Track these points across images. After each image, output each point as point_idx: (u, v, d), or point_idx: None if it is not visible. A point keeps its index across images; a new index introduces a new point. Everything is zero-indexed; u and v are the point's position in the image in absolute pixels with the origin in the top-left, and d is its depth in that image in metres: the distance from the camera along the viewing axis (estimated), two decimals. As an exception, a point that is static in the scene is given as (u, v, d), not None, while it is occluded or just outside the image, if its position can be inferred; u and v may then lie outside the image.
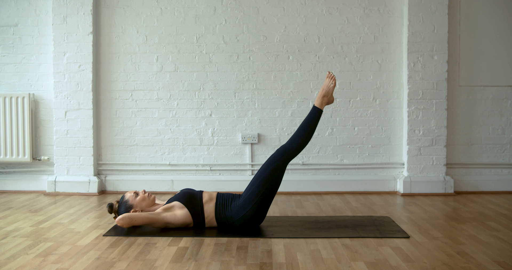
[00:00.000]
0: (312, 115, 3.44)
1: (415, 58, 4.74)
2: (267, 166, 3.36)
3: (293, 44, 4.84)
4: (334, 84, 3.47)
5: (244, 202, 3.32)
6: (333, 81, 3.47)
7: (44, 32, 4.87)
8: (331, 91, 3.47)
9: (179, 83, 4.87)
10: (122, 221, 3.25)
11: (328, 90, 3.46)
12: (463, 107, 4.87)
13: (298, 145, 3.40)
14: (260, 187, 3.31)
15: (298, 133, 3.42)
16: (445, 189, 4.75)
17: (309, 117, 3.44)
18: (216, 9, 4.84)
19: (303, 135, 3.41)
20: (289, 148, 3.40)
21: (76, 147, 4.81)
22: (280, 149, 3.41)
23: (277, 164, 3.35)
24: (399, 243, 3.06)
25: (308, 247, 2.98)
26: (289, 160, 3.40)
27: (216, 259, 2.76)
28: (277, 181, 3.36)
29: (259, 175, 3.35)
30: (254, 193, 3.31)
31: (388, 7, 4.82)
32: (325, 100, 3.47)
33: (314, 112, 3.45)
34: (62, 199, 4.52)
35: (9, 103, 4.78)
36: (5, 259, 2.76)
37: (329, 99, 3.49)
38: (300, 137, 3.41)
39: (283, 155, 3.38)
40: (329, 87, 3.46)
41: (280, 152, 3.39)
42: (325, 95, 3.47)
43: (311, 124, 3.43)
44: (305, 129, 3.42)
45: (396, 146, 4.88)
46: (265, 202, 3.33)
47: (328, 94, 3.47)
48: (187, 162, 4.90)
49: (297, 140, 3.41)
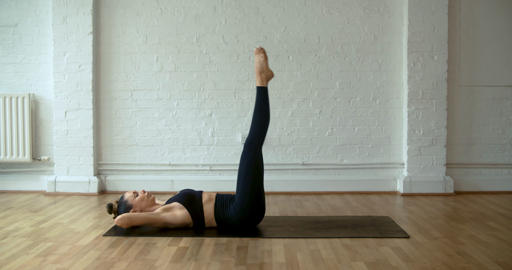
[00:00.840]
0: (259, 96, 3.39)
1: (415, 58, 4.74)
2: (242, 163, 3.35)
3: (293, 44, 4.84)
4: (265, 57, 3.40)
5: (238, 202, 3.32)
6: (262, 54, 3.40)
7: (44, 32, 4.87)
8: (265, 65, 3.40)
9: (179, 83, 4.87)
10: (121, 221, 3.25)
11: (261, 65, 3.40)
12: (463, 107, 4.87)
13: (259, 130, 3.36)
14: (246, 184, 3.30)
15: (254, 119, 3.38)
16: (445, 189, 4.75)
17: (257, 100, 3.39)
18: (216, 9, 4.84)
19: (259, 119, 3.36)
20: (252, 137, 3.35)
21: (76, 147, 4.81)
22: (245, 142, 3.37)
23: (249, 157, 3.32)
24: (399, 243, 3.06)
25: (308, 247, 2.98)
26: (258, 148, 3.35)
27: (216, 259, 2.76)
28: (259, 171, 3.33)
29: (240, 175, 3.34)
30: (243, 191, 3.30)
31: (388, 7, 4.83)
32: (263, 76, 3.40)
33: (259, 93, 3.39)
34: (62, 199, 4.52)
35: (9, 103, 4.78)
36: (5, 259, 2.76)
37: (267, 74, 3.42)
38: (257, 122, 3.36)
39: (250, 147, 3.34)
40: (261, 62, 3.40)
41: (246, 146, 3.36)
42: (261, 72, 3.40)
43: (261, 105, 3.37)
44: (258, 112, 3.37)
45: (396, 146, 4.88)
46: (258, 196, 3.31)
47: (264, 70, 3.40)
48: (187, 162, 4.90)
49: (255, 126, 3.36)
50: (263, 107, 3.38)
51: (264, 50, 3.43)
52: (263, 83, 3.40)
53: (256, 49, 3.43)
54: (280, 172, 4.88)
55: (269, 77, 3.45)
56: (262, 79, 3.40)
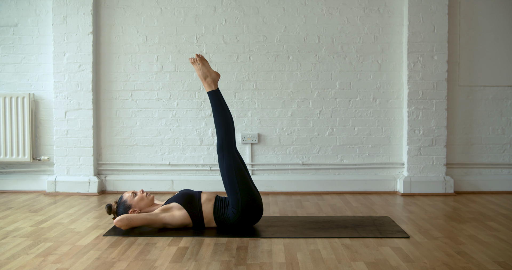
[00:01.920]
0: (212, 101, 3.40)
1: (415, 58, 4.74)
2: (221, 169, 3.36)
3: (293, 44, 4.84)
4: (202, 62, 3.39)
5: (233, 203, 3.32)
6: (199, 62, 3.39)
7: (44, 32, 4.87)
8: (206, 69, 3.41)
9: (179, 83, 4.87)
10: (121, 223, 3.24)
11: (202, 72, 3.41)
12: (463, 107, 4.87)
13: (224, 132, 3.36)
14: (233, 186, 3.30)
15: (215, 123, 3.39)
16: (445, 189, 4.75)
17: (212, 104, 3.41)
18: (216, 9, 4.84)
19: (219, 122, 3.37)
20: (220, 142, 3.37)
21: (76, 147, 4.81)
22: (217, 148, 3.38)
23: (226, 161, 3.34)
24: (399, 243, 3.06)
25: (308, 247, 2.98)
26: (231, 149, 3.36)
27: (216, 259, 2.76)
28: (241, 170, 3.33)
29: (224, 180, 3.35)
30: (234, 193, 3.30)
31: (388, 7, 4.83)
32: (209, 80, 3.41)
33: (210, 97, 3.41)
34: (62, 199, 4.52)
35: (9, 103, 4.78)
36: (5, 259, 2.76)
37: (212, 77, 3.42)
38: (219, 125, 3.37)
39: (223, 151, 3.35)
40: (200, 69, 3.41)
41: (219, 151, 3.37)
42: (205, 77, 3.41)
43: (217, 108, 3.39)
44: (216, 115, 3.39)
45: (396, 146, 4.88)
46: (250, 194, 3.30)
47: (206, 74, 3.41)
48: (187, 162, 4.90)
49: (219, 130, 3.37)
50: (219, 110, 3.39)
51: (200, 56, 3.40)
52: (211, 87, 3.42)
53: (190, 59, 3.43)
54: (280, 172, 4.89)
55: (216, 79, 3.44)
56: (209, 84, 3.42)
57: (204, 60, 3.43)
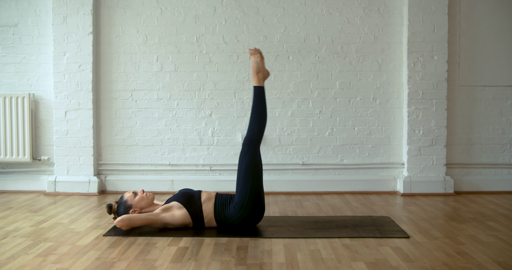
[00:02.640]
0: (256, 96, 3.42)
1: (415, 58, 4.74)
2: (241, 162, 3.36)
3: (293, 44, 4.84)
4: (261, 57, 3.44)
5: (238, 201, 3.32)
6: (258, 55, 3.44)
7: (44, 32, 4.87)
8: (262, 65, 3.45)
9: (179, 83, 4.87)
10: (121, 223, 3.24)
11: (257, 65, 3.44)
12: (463, 107, 4.87)
13: (257, 129, 3.39)
14: (246, 184, 3.31)
15: (252, 118, 3.40)
16: (445, 189, 4.75)
17: (254, 99, 3.43)
18: (216, 9, 4.84)
19: (257, 117, 3.39)
20: (250, 136, 3.38)
21: (76, 147, 4.81)
22: (244, 141, 3.39)
23: (248, 156, 3.34)
24: (399, 243, 3.06)
25: (308, 247, 2.98)
26: (257, 147, 3.38)
27: (216, 259, 2.76)
28: (258, 170, 3.35)
29: (239, 173, 3.35)
30: (243, 191, 3.31)
31: (388, 7, 4.83)
32: (260, 76, 3.44)
33: (256, 92, 3.43)
34: (62, 199, 4.52)
35: (9, 103, 4.78)
36: (5, 259, 2.76)
37: (263, 73, 3.46)
38: (255, 121, 3.39)
39: (249, 146, 3.36)
40: (257, 62, 3.44)
41: (245, 144, 3.38)
42: (258, 71, 3.44)
43: (259, 104, 3.41)
44: (256, 111, 3.40)
45: (396, 146, 4.88)
46: (258, 196, 3.32)
47: (260, 69, 3.45)
48: (187, 162, 4.90)
49: (254, 125, 3.39)
50: (260, 106, 3.41)
51: (259, 51, 3.47)
52: (260, 82, 3.44)
53: (250, 50, 3.47)
54: (280, 172, 4.89)
55: (266, 76, 3.49)
56: (259, 79, 3.45)
57: (262, 55, 3.47)
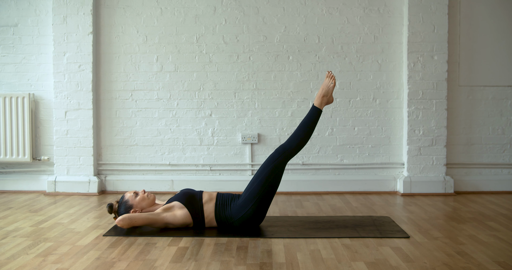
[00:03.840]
0: (312, 115, 3.45)
1: (415, 58, 4.74)
2: (266, 166, 3.36)
3: (293, 44, 4.84)
4: (334, 84, 3.48)
5: (244, 202, 3.32)
6: (333, 81, 3.48)
7: (44, 32, 4.87)
8: (331, 91, 3.48)
9: (179, 83, 4.87)
10: (122, 222, 3.25)
11: (327, 89, 3.47)
12: (463, 107, 4.87)
13: (297, 144, 3.41)
14: (259, 187, 3.31)
15: (297, 132, 3.43)
16: (445, 189, 4.75)
17: (308, 117, 3.45)
18: (216, 9, 4.84)
19: (302, 135, 3.42)
20: (288, 147, 3.40)
21: (76, 147, 4.81)
22: (279, 148, 3.41)
23: (275, 163, 3.35)
24: (399, 243, 3.06)
25: (308, 247, 2.98)
26: (287, 159, 3.41)
27: (216, 259, 2.76)
28: (277, 180, 3.36)
29: (258, 175, 3.35)
30: (253, 193, 3.31)
31: (388, 7, 4.83)
32: (324, 100, 3.48)
33: (313, 112, 3.45)
34: (62, 199, 4.52)
35: (9, 103, 4.78)
36: (5, 259, 2.76)
37: (328, 99, 3.49)
38: (299, 136, 3.42)
39: (282, 155, 3.38)
40: (328, 87, 3.47)
41: (279, 152, 3.39)
42: (325, 95, 3.48)
43: (310, 124, 3.44)
44: (304, 129, 3.43)
45: (396, 146, 4.88)
46: (265, 202, 3.33)
47: (328, 94, 3.48)
48: (187, 162, 4.90)
49: (296, 140, 3.41)
50: (311, 127, 3.44)
51: (335, 78, 3.52)
52: (321, 105, 3.48)
53: (328, 72, 3.50)
54: (280, 172, 4.88)
55: (329, 102, 3.53)
56: (322, 102, 3.48)
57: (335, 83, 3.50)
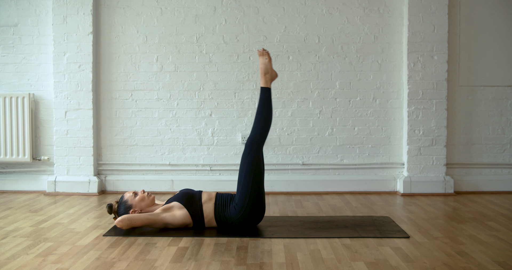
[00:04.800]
0: (263, 96, 3.44)
1: (415, 58, 4.74)
2: (243, 162, 3.36)
3: (293, 44, 4.84)
4: (269, 58, 3.46)
5: (239, 201, 3.32)
6: (266, 56, 3.46)
7: (44, 32, 4.87)
8: (269, 66, 3.46)
9: (179, 83, 4.87)
10: (122, 223, 3.24)
11: (265, 66, 3.46)
12: (463, 107, 4.87)
13: (261, 129, 3.39)
14: (247, 184, 3.31)
15: (256, 118, 3.41)
16: (445, 189, 4.75)
17: (261, 100, 3.44)
18: (216, 9, 4.84)
19: (263, 118, 3.40)
20: (254, 136, 3.38)
21: (76, 147, 4.81)
22: (247, 141, 3.40)
23: (250, 157, 3.34)
24: (399, 243, 3.06)
25: (308, 247, 2.98)
26: (260, 147, 3.38)
27: (216, 259, 2.76)
28: (260, 171, 3.35)
29: (240, 173, 3.35)
30: (244, 191, 3.31)
31: (388, 7, 4.83)
32: (268, 77, 3.46)
33: (263, 93, 3.44)
34: (62, 199, 4.52)
35: (9, 103, 4.78)
36: (5, 259, 2.76)
37: (271, 75, 3.48)
38: (259, 121, 3.40)
39: (252, 147, 3.36)
40: (265, 64, 3.46)
41: (248, 145, 3.38)
42: (266, 73, 3.46)
43: (265, 105, 3.42)
44: (261, 112, 3.41)
45: (396, 146, 4.88)
46: (258, 196, 3.31)
47: (268, 71, 3.46)
48: (187, 162, 4.90)
49: (258, 126, 3.39)
50: (266, 107, 3.42)
51: (267, 52, 3.49)
52: (267, 83, 3.46)
53: (259, 51, 3.49)
54: (280, 172, 4.89)
55: (273, 78, 3.51)
56: (266, 80, 3.47)
57: (270, 57, 3.49)
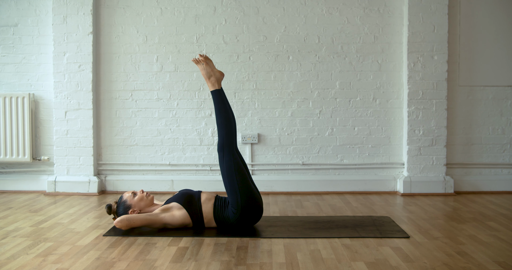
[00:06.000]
0: (215, 100, 3.42)
1: (415, 58, 4.74)
2: (222, 169, 3.37)
3: (293, 44, 4.84)
4: (205, 61, 3.40)
5: (233, 204, 3.32)
6: (202, 62, 3.41)
7: (44, 32, 4.87)
8: (210, 69, 3.41)
9: (179, 83, 4.87)
10: (121, 224, 3.24)
11: (206, 71, 3.42)
12: (463, 107, 4.87)
13: (225, 132, 3.38)
14: (233, 185, 3.30)
15: (217, 123, 3.41)
16: (445, 189, 4.75)
17: (214, 103, 3.43)
18: (216, 9, 4.84)
19: (222, 121, 3.39)
20: (221, 141, 3.38)
21: (76, 147, 4.81)
22: (217, 148, 3.40)
23: (225, 160, 3.35)
24: (399, 243, 3.06)
25: (308, 247, 2.98)
26: (231, 149, 3.37)
27: (216, 259, 2.76)
28: (241, 169, 3.34)
29: (224, 179, 3.36)
30: (233, 192, 3.30)
31: (388, 7, 4.83)
32: (212, 80, 3.42)
33: (214, 96, 3.43)
34: (62, 199, 4.52)
35: (9, 103, 4.78)
36: (5, 259, 2.76)
37: (216, 76, 3.43)
38: (220, 125, 3.39)
39: (223, 151, 3.36)
40: (204, 69, 3.42)
41: (219, 151, 3.38)
42: (209, 76, 3.42)
43: (220, 107, 3.40)
44: (218, 115, 3.40)
45: (396, 146, 4.88)
46: (250, 194, 3.30)
47: (211, 73, 3.42)
48: (187, 162, 4.90)
49: (221, 130, 3.39)
50: (222, 109, 3.41)
51: (204, 56, 3.41)
52: (214, 86, 3.43)
53: (193, 60, 3.43)
54: (280, 172, 4.89)
55: (220, 78, 3.46)
56: (212, 83, 3.43)
57: (208, 59, 3.44)
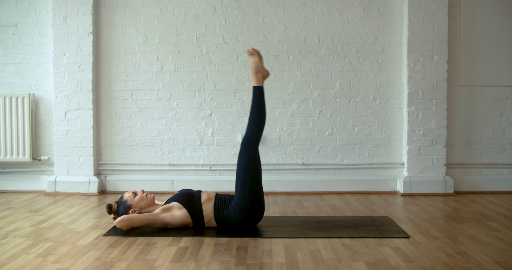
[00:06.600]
0: (256, 96, 3.44)
1: (415, 58, 4.74)
2: (239, 163, 3.37)
3: (293, 44, 4.84)
4: (259, 57, 3.45)
5: (238, 201, 3.32)
6: (256, 55, 3.45)
7: (44, 32, 4.87)
8: (260, 65, 3.45)
9: (179, 83, 4.87)
10: (121, 223, 3.24)
11: (256, 65, 3.45)
12: (463, 107, 4.87)
13: (256, 129, 3.40)
14: (245, 183, 3.31)
15: (251, 118, 3.41)
16: (445, 189, 4.75)
17: (254, 100, 3.44)
18: (216, 9, 4.84)
19: (257, 118, 3.40)
20: (249, 136, 3.39)
21: (76, 147, 4.81)
22: (243, 141, 3.40)
23: (246, 156, 3.35)
24: (399, 243, 3.06)
25: (308, 247, 2.98)
26: (255, 147, 3.39)
27: (216, 259, 2.76)
28: (257, 170, 3.35)
29: (238, 173, 3.36)
30: (242, 190, 3.31)
31: (388, 7, 4.83)
32: (259, 76, 3.45)
33: (255, 92, 3.44)
34: (62, 199, 4.52)
35: (9, 103, 4.78)
36: (5, 259, 2.76)
37: (263, 73, 3.47)
38: (253, 121, 3.40)
39: (247, 146, 3.37)
40: (256, 63, 3.45)
41: (244, 145, 3.38)
42: (257, 71, 3.45)
43: (258, 104, 3.42)
44: (255, 111, 3.41)
45: (396, 146, 4.88)
46: (257, 195, 3.32)
47: (259, 69, 3.45)
48: (187, 162, 4.90)
49: (252, 126, 3.40)
50: (259, 107, 3.42)
51: (258, 51, 3.48)
52: (259, 82, 3.46)
53: (248, 50, 3.47)
54: (280, 172, 4.89)
55: (265, 76, 3.50)
56: (258, 79, 3.46)
57: (260, 55, 3.47)
